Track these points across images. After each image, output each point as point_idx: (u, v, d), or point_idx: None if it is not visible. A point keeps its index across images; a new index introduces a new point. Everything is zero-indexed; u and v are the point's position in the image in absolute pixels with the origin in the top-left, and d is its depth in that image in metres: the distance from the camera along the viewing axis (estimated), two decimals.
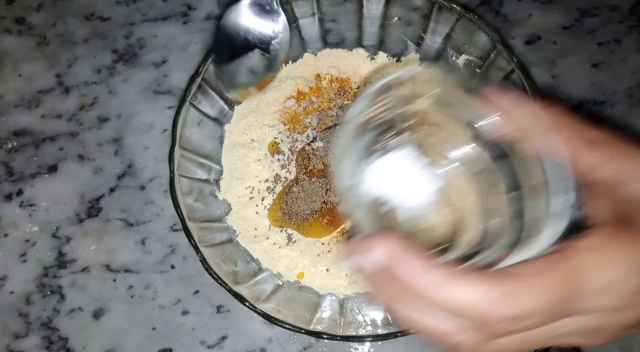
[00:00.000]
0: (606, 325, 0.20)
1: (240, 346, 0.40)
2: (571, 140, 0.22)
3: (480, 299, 0.18)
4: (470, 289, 0.18)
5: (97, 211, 0.43)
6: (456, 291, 0.19)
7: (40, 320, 0.41)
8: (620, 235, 0.20)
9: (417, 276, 0.19)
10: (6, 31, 0.49)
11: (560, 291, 0.19)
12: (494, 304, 0.18)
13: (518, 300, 0.18)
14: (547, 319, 0.19)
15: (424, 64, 0.23)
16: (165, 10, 0.49)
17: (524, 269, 0.19)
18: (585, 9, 0.49)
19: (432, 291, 0.19)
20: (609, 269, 0.19)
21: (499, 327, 0.19)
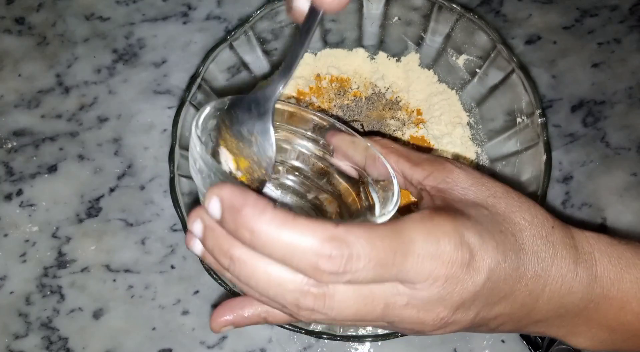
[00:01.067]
0: (439, 299, 0.21)
1: (240, 346, 0.40)
2: (399, 162, 0.29)
3: (310, 238, 0.19)
4: (302, 229, 0.19)
5: (97, 211, 0.43)
6: (289, 230, 0.19)
7: (40, 320, 0.41)
8: (439, 211, 0.22)
9: (252, 217, 0.19)
10: (6, 31, 0.49)
11: (388, 241, 0.20)
12: (322, 243, 0.19)
13: (346, 241, 0.19)
14: (376, 269, 0.20)
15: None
16: (165, 10, 0.49)
17: (355, 222, 0.20)
18: (585, 9, 0.49)
19: (268, 229, 0.19)
20: (432, 237, 0.21)
21: (328, 266, 0.19)
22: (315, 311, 0.21)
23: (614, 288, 0.24)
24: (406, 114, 0.43)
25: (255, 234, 0.19)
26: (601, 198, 0.43)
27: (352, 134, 0.30)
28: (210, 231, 0.21)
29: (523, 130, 0.38)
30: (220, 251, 0.21)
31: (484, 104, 0.42)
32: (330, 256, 0.19)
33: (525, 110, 0.38)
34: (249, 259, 0.21)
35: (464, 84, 0.43)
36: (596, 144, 0.45)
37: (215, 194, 0.20)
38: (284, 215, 0.19)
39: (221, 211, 0.20)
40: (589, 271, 0.24)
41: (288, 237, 0.19)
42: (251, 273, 0.21)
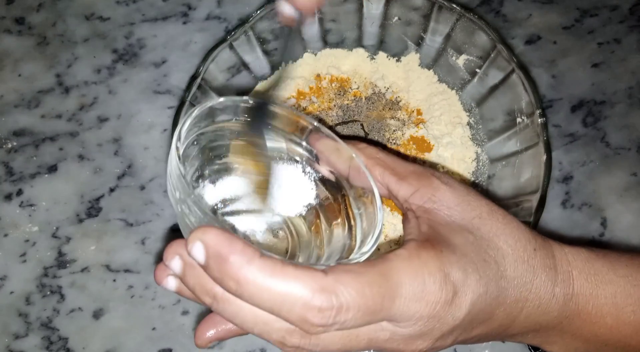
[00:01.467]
0: (420, 335, 0.22)
1: (240, 346, 0.40)
2: (385, 176, 0.27)
3: (299, 289, 0.19)
4: (290, 279, 0.19)
5: (97, 211, 0.43)
6: (277, 281, 0.19)
7: (40, 320, 0.41)
8: (425, 245, 0.22)
9: (239, 266, 0.19)
10: (6, 31, 0.49)
11: (377, 288, 0.20)
12: (312, 295, 0.19)
13: (335, 292, 0.19)
14: (365, 317, 0.20)
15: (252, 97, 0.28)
16: (165, 10, 0.49)
17: (343, 267, 0.20)
18: (585, 9, 0.49)
19: (255, 280, 0.19)
20: (419, 278, 0.21)
21: (317, 319, 0.19)
22: (301, 348, 0.21)
23: (588, 305, 0.25)
24: (406, 114, 0.43)
25: (241, 285, 0.19)
26: (601, 198, 0.43)
27: (336, 140, 0.29)
28: (191, 268, 0.20)
29: (523, 130, 0.38)
30: (202, 289, 0.20)
31: (484, 104, 0.42)
32: (320, 309, 0.19)
33: (525, 110, 0.38)
34: (233, 299, 0.20)
35: (464, 84, 0.43)
36: (596, 144, 0.45)
37: (198, 239, 0.19)
38: (272, 264, 0.19)
39: (205, 257, 0.19)
40: (566, 290, 0.25)
41: (276, 288, 0.19)
42: (236, 312, 0.20)
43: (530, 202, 0.36)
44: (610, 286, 0.25)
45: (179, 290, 0.22)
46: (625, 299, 0.25)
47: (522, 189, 0.38)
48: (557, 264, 0.25)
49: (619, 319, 0.25)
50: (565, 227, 0.42)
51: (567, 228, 0.42)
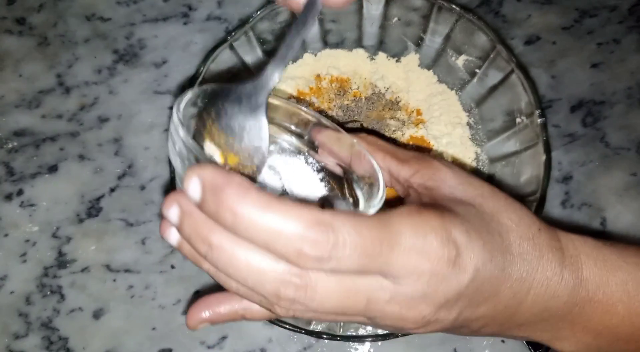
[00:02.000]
0: (422, 296, 0.21)
1: (240, 346, 0.40)
2: (386, 160, 0.28)
3: (296, 221, 0.18)
4: (288, 211, 0.18)
5: (97, 211, 0.43)
6: (274, 212, 0.18)
7: (40, 320, 0.41)
8: (427, 207, 0.22)
9: (236, 197, 0.18)
10: (7, 31, 0.49)
11: (375, 232, 0.19)
12: (308, 227, 0.18)
13: (332, 226, 0.19)
14: (361, 259, 0.19)
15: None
16: (165, 10, 0.49)
17: (342, 210, 0.20)
18: (585, 9, 0.49)
19: (252, 210, 0.18)
20: (420, 231, 0.20)
21: (313, 251, 0.18)
22: (296, 301, 0.20)
23: (599, 291, 0.24)
24: (406, 114, 0.43)
25: (237, 216, 0.18)
26: (601, 198, 0.43)
27: (337, 130, 0.29)
28: (188, 216, 0.20)
29: (522, 130, 0.39)
30: (197, 237, 0.20)
31: (483, 104, 0.43)
32: (316, 241, 0.18)
33: (524, 110, 0.38)
34: (228, 245, 0.20)
35: (463, 84, 0.43)
36: (596, 144, 0.45)
37: (195, 174, 0.19)
38: (268, 197, 0.18)
39: (202, 191, 0.19)
40: (575, 274, 0.24)
41: (272, 219, 0.18)
42: (230, 260, 0.20)
43: (530, 202, 0.36)
44: (620, 273, 0.24)
45: (179, 244, 0.22)
46: (636, 287, 0.24)
47: (521, 189, 0.38)
48: (564, 247, 0.24)
49: (631, 308, 0.24)
50: (565, 227, 0.42)
51: (567, 228, 0.42)
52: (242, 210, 0.18)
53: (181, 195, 0.20)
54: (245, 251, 0.19)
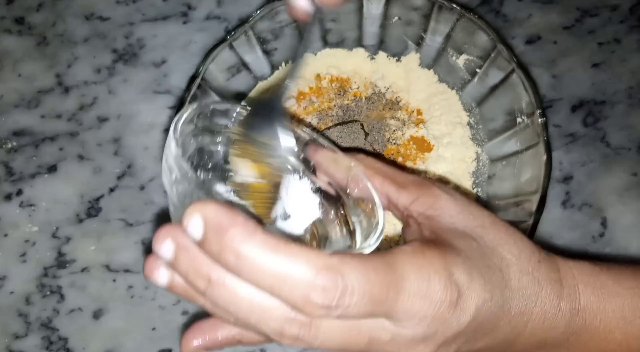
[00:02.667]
0: (422, 338, 0.21)
1: (240, 345, 0.40)
2: (384, 184, 0.27)
3: (303, 266, 0.18)
4: (294, 256, 0.18)
5: (96, 211, 0.43)
6: (280, 256, 0.18)
7: (40, 320, 0.41)
8: (429, 245, 0.22)
9: (241, 238, 0.18)
10: (6, 31, 0.49)
11: (382, 276, 0.19)
12: (316, 273, 0.18)
13: (341, 272, 0.18)
14: (368, 305, 0.19)
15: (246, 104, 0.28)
16: (165, 10, 0.49)
17: (348, 253, 0.20)
18: (586, 9, 0.49)
19: (257, 254, 0.18)
20: (424, 274, 0.20)
21: (320, 299, 0.18)
22: (300, 339, 0.20)
23: (596, 320, 0.24)
24: (406, 114, 0.43)
25: (241, 258, 0.18)
26: (601, 198, 0.43)
27: (334, 151, 0.29)
28: (185, 251, 0.19)
29: (523, 130, 0.38)
30: (195, 272, 0.19)
31: (484, 104, 0.42)
32: (324, 288, 0.18)
33: (525, 110, 0.38)
34: (229, 282, 0.19)
35: (464, 84, 0.43)
36: (596, 144, 0.45)
37: (197, 211, 0.18)
38: (275, 239, 0.18)
39: (204, 230, 0.18)
40: (572, 305, 0.24)
41: (278, 263, 0.18)
42: (232, 298, 0.19)
43: (530, 202, 0.36)
44: (617, 299, 0.25)
45: (170, 284, 0.21)
46: (633, 312, 0.25)
47: (522, 189, 0.38)
48: (562, 278, 0.24)
49: (628, 333, 0.25)
50: (565, 227, 0.42)
51: (567, 228, 0.42)
52: (246, 251, 0.18)
53: (175, 229, 0.19)
54: (248, 287, 0.19)
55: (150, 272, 0.21)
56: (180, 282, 0.20)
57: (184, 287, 0.20)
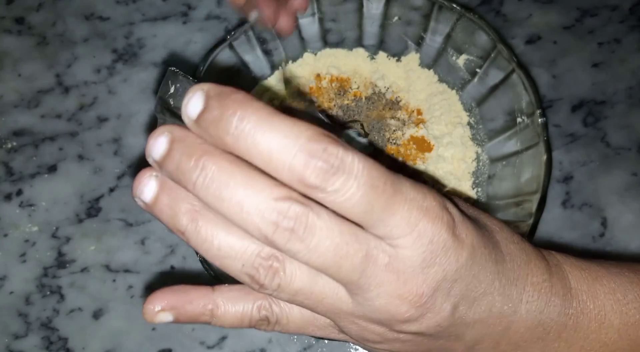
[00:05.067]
0: (421, 264, 0.19)
1: (240, 346, 0.40)
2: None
3: (305, 126, 0.17)
4: (296, 120, 0.17)
5: (96, 211, 0.43)
6: (282, 118, 0.17)
7: (40, 320, 0.41)
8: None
9: (244, 101, 0.17)
10: (6, 31, 0.49)
11: (379, 167, 0.18)
12: (319, 133, 0.17)
13: (344, 148, 0.17)
14: (366, 195, 0.17)
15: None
16: (164, 10, 0.49)
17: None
18: (586, 8, 0.49)
19: (260, 113, 0.17)
20: (420, 189, 0.19)
21: (322, 156, 0.16)
22: (294, 232, 0.17)
23: (590, 302, 0.23)
24: (406, 113, 0.43)
25: (244, 118, 0.17)
26: (601, 198, 0.43)
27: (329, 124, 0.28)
28: (180, 141, 0.18)
29: (523, 130, 0.38)
30: (188, 159, 0.17)
31: (484, 104, 0.42)
32: (326, 148, 0.17)
33: (525, 110, 0.38)
34: (225, 165, 0.17)
35: (464, 83, 0.43)
36: (596, 144, 0.45)
37: (198, 88, 0.17)
38: (274, 109, 0.17)
39: (205, 99, 0.17)
40: (563, 282, 0.23)
41: (281, 123, 0.17)
42: (227, 181, 0.17)
43: (531, 202, 0.36)
44: (606, 281, 0.24)
45: (154, 198, 0.19)
46: (625, 294, 0.24)
47: (522, 189, 0.38)
48: (547, 257, 0.24)
49: (624, 318, 0.23)
50: (565, 227, 0.42)
51: (567, 228, 0.42)
52: (249, 111, 0.17)
53: (172, 126, 0.18)
54: (243, 171, 0.17)
55: (137, 187, 0.20)
56: (166, 199, 0.19)
57: (167, 202, 0.19)
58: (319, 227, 0.17)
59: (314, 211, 0.17)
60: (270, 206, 0.17)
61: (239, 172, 0.17)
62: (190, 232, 0.19)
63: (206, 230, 0.18)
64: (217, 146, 0.18)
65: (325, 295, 0.19)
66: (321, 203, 0.18)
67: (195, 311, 0.21)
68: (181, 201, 0.19)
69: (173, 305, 0.21)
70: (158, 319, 0.21)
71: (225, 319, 0.22)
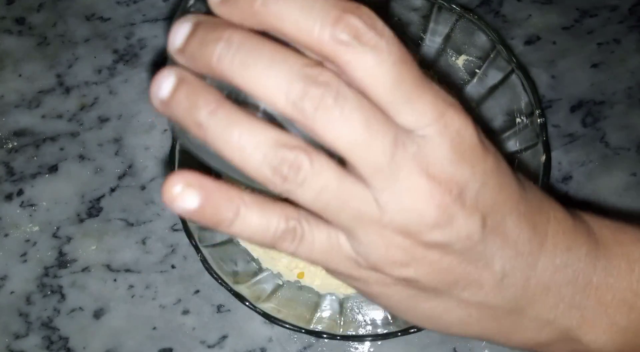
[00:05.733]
0: (447, 155, 0.17)
1: (240, 345, 0.40)
2: None
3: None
4: None
5: (97, 210, 0.43)
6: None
7: (41, 320, 0.41)
8: None
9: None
10: (6, 31, 0.49)
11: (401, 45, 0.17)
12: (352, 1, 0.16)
13: (371, 14, 0.17)
14: (398, 52, 0.16)
15: None
16: (165, 10, 0.49)
17: None
18: (585, 9, 0.49)
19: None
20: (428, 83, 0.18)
21: (350, 26, 0.16)
22: (324, 99, 0.16)
23: (616, 247, 0.21)
24: None
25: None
26: (601, 198, 0.43)
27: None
28: (205, 22, 0.17)
29: (522, 130, 0.39)
30: (212, 32, 0.17)
31: (483, 104, 0.43)
32: (359, 9, 0.16)
33: (524, 110, 0.38)
34: (251, 36, 0.17)
35: (463, 84, 0.43)
36: (596, 144, 0.45)
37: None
38: None
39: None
40: (584, 225, 0.21)
41: None
42: (252, 49, 0.16)
43: None
44: (629, 231, 0.22)
45: (171, 94, 0.17)
46: None
47: None
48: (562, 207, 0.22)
49: None
50: None
51: None
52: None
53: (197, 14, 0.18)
54: (269, 42, 0.17)
55: (155, 83, 0.18)
56: (184, 91, 0.17)
57: (187, 93, 0.17)
58: (350, 96, 0.16)
59: (343, 81, 0.16)
60: (300, 72, 0.16)
61: (266, 42, 0.16)
62: (209, 123, 0.17)
63: (227, 118, 0.17)
64: (245, 24, 0.17)
65: (352, 194, 0.17)
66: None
67: (221, 201, 0.18)
68: (200, 93, 0.17)
69: (201, 183, 0.18)
70: (181, 201, 0.17)
71: (249, 222, 0.18)
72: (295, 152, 0.17)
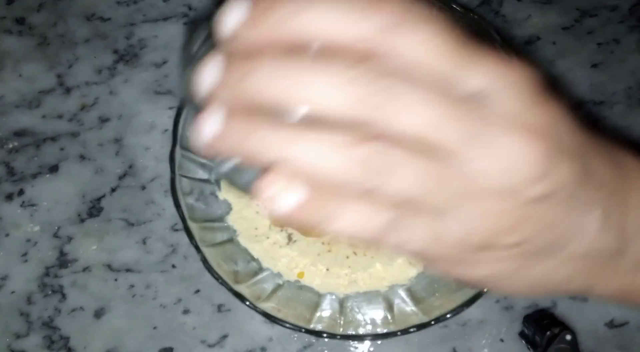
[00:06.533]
0: (529, 98, 0.17)
1: (240, 344, 0.40)
2: None
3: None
4: None
5: (98, 210, 0.43)
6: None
7: (42, 319, 0.41)
8: None
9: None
10: (6, 31, 0.49)
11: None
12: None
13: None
14: (451, 39, 0.17)
15: None
16: (165, 10, 0.49)
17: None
18: (585, 9, 0.49)
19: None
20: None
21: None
22: (391, 85, 0.16)
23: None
24: None
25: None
26: None
27: None
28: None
29: None
30: (247, 60, 0.16)
31: None
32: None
33: None
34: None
35: None
36: None
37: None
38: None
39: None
40: (607, 145, 0.21)
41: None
42: (294, 63, 0.16)
43: None
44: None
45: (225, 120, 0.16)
46: None
47: None
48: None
49: None
50: None
51: None
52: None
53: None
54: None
55: (200, 124, 0.16)
56: (239, 120, 0.16)
57: (243, 121, 0.16)
58: (413, 80, 0.16)
59: (399, 68, 0.16)
60: (353, 72, 0.15)
61: (299, 56, 0.16)
62: (282, 147, 0.16)
63: (293, 134, 0.16)
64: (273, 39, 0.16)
65: (446, 172, 0.17)
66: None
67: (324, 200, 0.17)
68: (253, 120, 0.16)
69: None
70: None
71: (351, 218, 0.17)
72: (377, 144, 0.15)
